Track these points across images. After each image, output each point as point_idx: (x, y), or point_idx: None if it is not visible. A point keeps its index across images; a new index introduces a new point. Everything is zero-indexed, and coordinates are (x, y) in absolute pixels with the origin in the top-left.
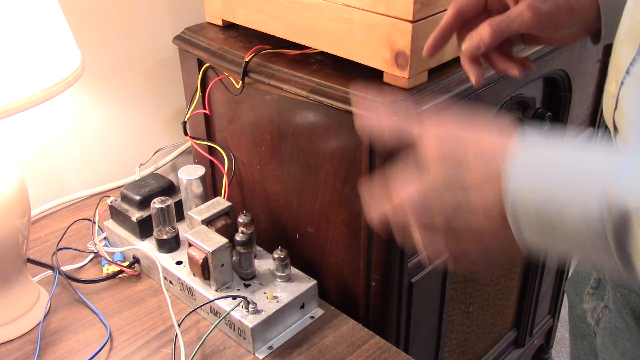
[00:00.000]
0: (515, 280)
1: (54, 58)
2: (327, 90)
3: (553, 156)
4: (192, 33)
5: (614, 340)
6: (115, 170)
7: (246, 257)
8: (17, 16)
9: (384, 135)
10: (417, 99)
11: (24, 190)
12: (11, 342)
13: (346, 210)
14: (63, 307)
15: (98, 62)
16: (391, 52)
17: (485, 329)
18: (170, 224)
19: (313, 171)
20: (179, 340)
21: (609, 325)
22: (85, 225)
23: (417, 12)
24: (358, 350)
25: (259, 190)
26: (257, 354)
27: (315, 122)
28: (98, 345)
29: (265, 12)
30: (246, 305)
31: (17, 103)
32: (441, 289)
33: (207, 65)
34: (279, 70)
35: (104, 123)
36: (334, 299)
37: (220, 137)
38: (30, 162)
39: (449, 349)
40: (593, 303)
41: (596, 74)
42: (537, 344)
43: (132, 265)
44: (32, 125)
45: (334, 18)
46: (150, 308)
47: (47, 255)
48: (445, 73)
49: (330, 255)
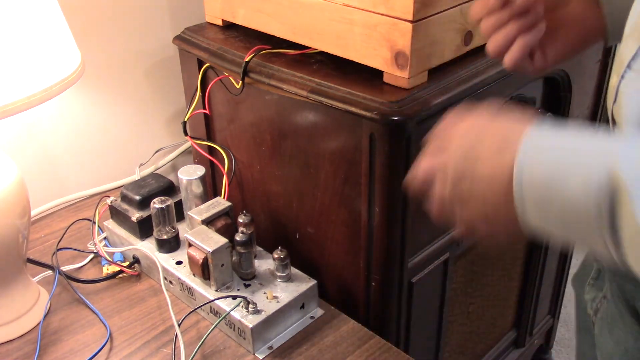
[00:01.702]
0: (515, 280)
1: (54, 58)
2: (327, 90)
3: (564, 136)
4: (192, 33)
5: (610, 329)
6: (115, 170)
7: (246, 257)
8: (17, 16)
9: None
10: (417, 99)
11: (24, 190)
12: (11, 342)
13: (346, 210)
14: (63, 307)
15: (98, 62)
16: (391, 52)
17: (485, 329)
18: (170, 224)
19: (313, 171)
20: (179, 340)
21: (605, 315)
22: (85, 225)
23: (417, 12)
24: (358, 350)
25: (259, 190)
26: (257, 354)
27: (315, 122)
28: (98, 345)
29: (265, 12)
30: (246, 305)
31: (17, 103)
32: (441, 289)
33: (207, 65)
34: (279, 70)
35: (104, 123)
36: (334, 299)
37: (220, 137)
38: (30, 162)
39: (449, 349)
40: (593, 294)
41: (596, 74)
42: (537, 344)
43: (132, 265)
44: (32, 125)
45: (334, 18)
46: (150, 308)
47: (47, 255)
48: (445, 73)
49: (330, 255)
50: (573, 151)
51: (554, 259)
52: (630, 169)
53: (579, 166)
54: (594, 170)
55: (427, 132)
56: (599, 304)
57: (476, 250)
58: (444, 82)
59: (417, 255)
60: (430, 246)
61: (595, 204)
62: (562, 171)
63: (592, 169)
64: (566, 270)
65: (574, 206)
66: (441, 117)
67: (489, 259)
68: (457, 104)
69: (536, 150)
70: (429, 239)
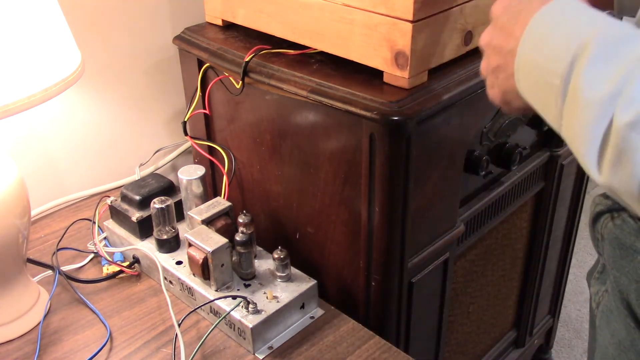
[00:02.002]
0: (515, 280)
1: (54, 58)
2: (327, 90)
3: (579, 5)
4: (192, 33)
5: (607, 321)
6: (115, 170)
7: (246, 257)
8: (17, 16)
9: None
10: (417, 99)
11: (24, 190)
12: (11, 342)
13: (346, 210)
14: (63, 307)
15: (98, 62)
16: (391, 52)
17: (485, 329)
18: (170, 224)
19: (313, 171)
20: (179, 340)
21: (605, 308)
22: (85, 225)
23: (417, 12)
24: (358, 350)
25: (259, 190)
26: (257, 354)
27: (315, 122)
28: (98, 345)
29: (265, 12)
30: (246, 305)
31: (17, 103)
32: (441, 289)
33: (207, 65)
34: (279, 70)
35: (104, 123)
36: (334, 299)
37: (220, 137)
38: (30, 162)
39: (449, 349)
40: (597, 287)
41: None
42: (537, 344)
43: (132, 265)
44: (33, 125)
45: (334, 18)
46: (150, 308)
47: (47, 255)
48: (445, 73)
49: (330, 255)
50: (569, 19)
51: (554, 259)
52: (602, 34)
53: (566, 30)
54: (574, 35)
55: (427, 132)
56: (601, 298)
57: (476, 250)
58: (444, 82)
59: (417, 255)
60: (430, 246)
61: (563, 64)
62: (551, 33)
63: (573, 34)
64: (566, 271)
65: (546, 65)
66: (442, 115)
67: (489, 259)
68: (457, 104)
69: (545, 16)
70: (429, 239)
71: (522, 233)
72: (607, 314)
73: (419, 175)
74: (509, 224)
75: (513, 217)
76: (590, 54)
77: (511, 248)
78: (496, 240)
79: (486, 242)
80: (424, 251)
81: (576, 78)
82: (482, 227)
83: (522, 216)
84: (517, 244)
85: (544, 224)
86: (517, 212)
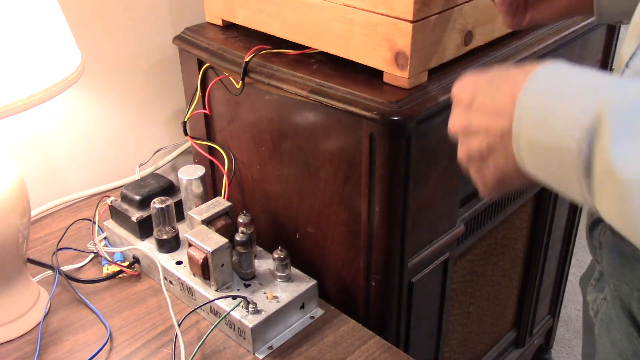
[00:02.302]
0: (515, 281)
1: (54, 58)
2: (327, 90)
3: (566, 74)
4: (192, 33)
5: (607, 330)
6: (115, 170)
7: (246, 257)
8: (17, 16)
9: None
10: (417, 99)
11: (24, 190)
12: (11, 342)
13: (346, 210)
14: (63, 307)
15: (98, 62)
16: (391, 52)
17: (485, 329)
18: (170, 224)
19: (313, 171)
20: (179, 340)
21: (605, 317)
22: (85, 225)
23: (417, 12)
24: (358, 350)
25: (259, 190)
26: (257, 354)
27: (315, 122)
28: (98, 345)
29: (265, 12)
30: (246, 305)
31: (17, 103)
32: (441, 289)
33: (207, 65)
34: (279, 70)
35: (104, 123)
36: (334, 299)
37: (220, 137)
38: (30, 162)
39: (449, 349)
40: (594, 295)
41: None
42: (537, 344)
43: (132, 265)
44: (32, 125)
45: (334, 18)
46: (150, 308)
47: (47, 255)
48: (445, 73)
49: (330, 255)
50: (567, 88)
51: (554, 259)
52: (615, 102)
53: (569, 103)
54: (581, 107)
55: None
56: (599, 306)
57: (476, 250)
58: (444, 82)
59: (417, 255)
60: (430, 246)
61: (576, 140)
62: (552, 108)
63: (579, 106)
64: (566, 271)
65: (557, 144)
66: (442, 115)
67: (489, 259)
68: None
69: (536, 88)
70: (429, 239)
71: (522, 233)
72: (606, 322)
73: (419, 175)
74: (509, 224)
75: (513, 217)
76: (610, 129)
77: (511, 248)
78: (496, 240)
79: (486, 242)
80: (424, 251)
81: (603, 156)
82: (482, 227)
83: (522, 216)
84: (517, 244)
85: (544, 224)
86: (517, 212)
